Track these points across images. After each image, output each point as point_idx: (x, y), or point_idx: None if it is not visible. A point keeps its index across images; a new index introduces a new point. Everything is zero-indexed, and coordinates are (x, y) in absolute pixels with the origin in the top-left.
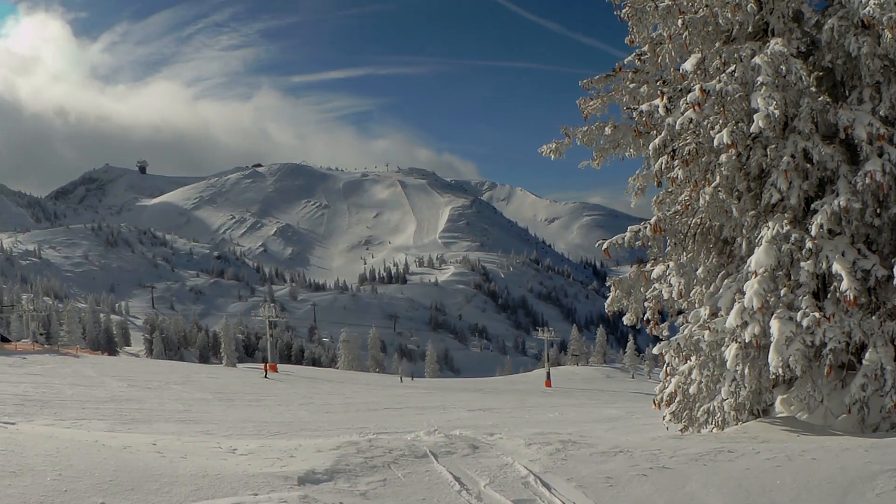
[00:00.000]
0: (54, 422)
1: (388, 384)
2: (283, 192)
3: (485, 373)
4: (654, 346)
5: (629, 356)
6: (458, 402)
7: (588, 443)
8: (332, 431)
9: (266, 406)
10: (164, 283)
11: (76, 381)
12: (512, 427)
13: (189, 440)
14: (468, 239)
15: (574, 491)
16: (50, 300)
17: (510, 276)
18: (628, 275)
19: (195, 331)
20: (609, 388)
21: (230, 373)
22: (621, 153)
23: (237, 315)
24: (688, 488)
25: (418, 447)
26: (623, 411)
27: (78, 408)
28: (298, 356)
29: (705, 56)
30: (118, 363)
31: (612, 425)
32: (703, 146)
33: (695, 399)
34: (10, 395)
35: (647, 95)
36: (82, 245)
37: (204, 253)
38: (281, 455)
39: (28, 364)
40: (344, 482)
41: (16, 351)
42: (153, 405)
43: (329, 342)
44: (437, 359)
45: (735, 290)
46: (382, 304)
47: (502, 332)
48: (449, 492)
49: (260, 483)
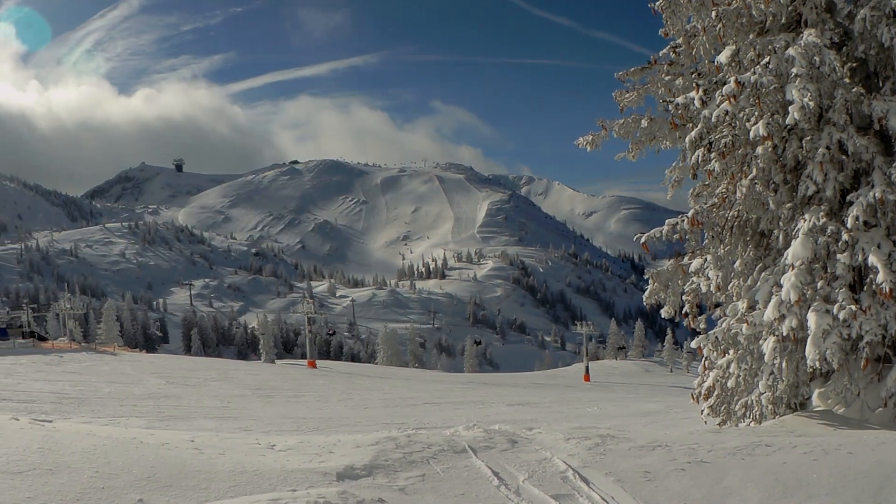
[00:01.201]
0: (91, 419)
1: (427, 379)
2: (320, 188)
3: (524, 368)
4: (693, 339)
5: (667, 350)
6: (497, 397)
7: (626, 437)
8: (370, 427)
9: (305, 402)
10: (202, 280)
11: (114, 378)
12: (551, 421)
13: (227, 436)
14: (506, 234)
15: (612, 485)
16: (87, 298)
17: (548, 270)
18: (666, 268)
19: (234, 327)
20: (647, 382)
21: (269, 369)
22: (657, 145)
23: (276, 311)
24: (725, 483)
25: (457, 442)
26: (662, 405)
27: (115, 405)
28: (337, 352)
29: (739, 48)
30: (156, 360)
31: (650, 419)
32: (740, 138)
33: (733, 393)
34: (47, 393)
35: (683, 88)
36: (119, 243)
37: (242, 250)
38: (319, 451)
39: (65, 362)
40: (383, 477)
41: (52, 349)
42: (191, 402)
43: (368, 338)
44: (475, 354)
45: (772, 283)
46: (421, 299)
47: (541, 326)
48: (488, 487)
49: (298, 479)
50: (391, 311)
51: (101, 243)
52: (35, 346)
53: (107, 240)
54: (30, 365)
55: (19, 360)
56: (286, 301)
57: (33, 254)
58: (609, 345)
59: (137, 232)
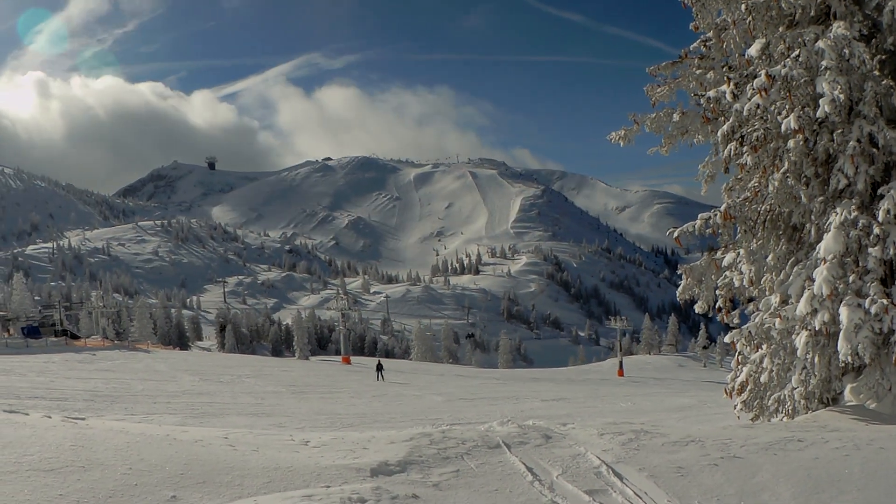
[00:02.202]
0: (125, 416)
1: (462, 374)
2: (353, 185)
3: (558, 363)
4: (726, 334)
5: (701, 345)
6: (532, 393)
7: (660, 432)
8: (405, 423)
9: (339, 398)
10: (236, 277)
11: (147, 376)
12: (585, 417)
13: (261, 433)
14: (540, 229)
15: (646, 481)
16: (120, 297)
17: (582, 265)
18: (699, 263)
19: (267, 324)
20: (681, 377)
21: (303, 365)
22: (689, 140)
23: (309, 308)
24: (758, 478)
25: (491, 438)
26: (695, 400)
27: (149, 402)
28: (371, 348)
29: (769, 41)
30: (190, 357)
31: (684, 414)
32: (771, 132)
33: (766, 387)
34: (80, 391)
35: (714, 81)
36: (152, 241)
37: (275, 247)
38: (354, 447)
39: (98, 360)
40: (417, 473)
41: (85, 347)
42: (225, 399)
43: (402, 334)
44: (509, 349)
45: (805, 277)
46: (455, 295)
47: (575, 321)
48: (521, 482)
49: (332, 475)
50: (425, 306)
51: (134, 242)
52: (67, 345)
53: (139, 238)
54: (62, 363)
55: (52, 359)
56: (320, 298)
57: (65, 253)
58: (643, 340)
59: (170, 230)
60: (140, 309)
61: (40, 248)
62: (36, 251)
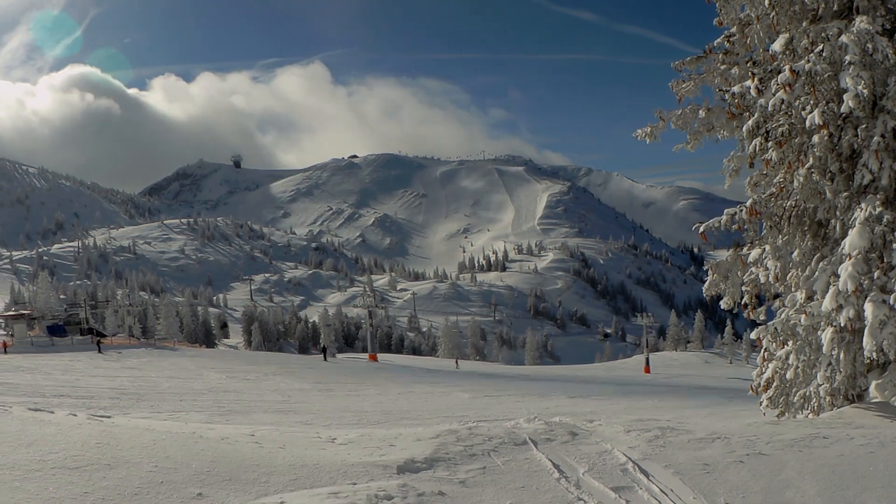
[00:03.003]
0: (151, 414)
1: (489, 372)
2: (379, 182)
3: (584, 360)
4: (752, 330)
5: (727, 341)
6: (558, 389)
7: (686, 429)
8: (431, 420)
9: (366, 395)
10: (263, 275)
11: (173, 373)
12: (611, 414)
13: (288, 430)
14: (566, 225)
15: (672, 478)
16: (146, 295)
17: (609, 261)
18: (725, 259)
19: (294, 322)
20: (707, 374)
21: (329, 363)
22: (715, 135)
23: (336, 305)
24: (783, 475)
25: (518, 434)
26: (721, 397)
27: (175, 400)
28: (398, 345)
29: (793, 36)
30: (216, 355)
31: (710, 411)
32: (796, 127)
33: (791, 384)
34: (105, 389)
35: (739, 77)
36: (178, 240)
37: (302, 245)
38: (380, 444)
39: (123, 358)
40: (443, 470)
41: (111, 345)
42: (252, 396)
43: (429, 331)
44: (536, 346)
45: (830, 273)
46: (482, 291)
47: (601, 318)
48: (548, 479)
49: (359, 472)
50: (452, 303)
51: (160, 240)
52: (93, 343)
53: (165, 236)
54: (88, 361)
55: (77, 357)
56: (347, 295)
57: (91, 252)
58: (669, 336)
59: (196, 228)
60: (166, 307)
61: (65, 247)
62: (61, 250)
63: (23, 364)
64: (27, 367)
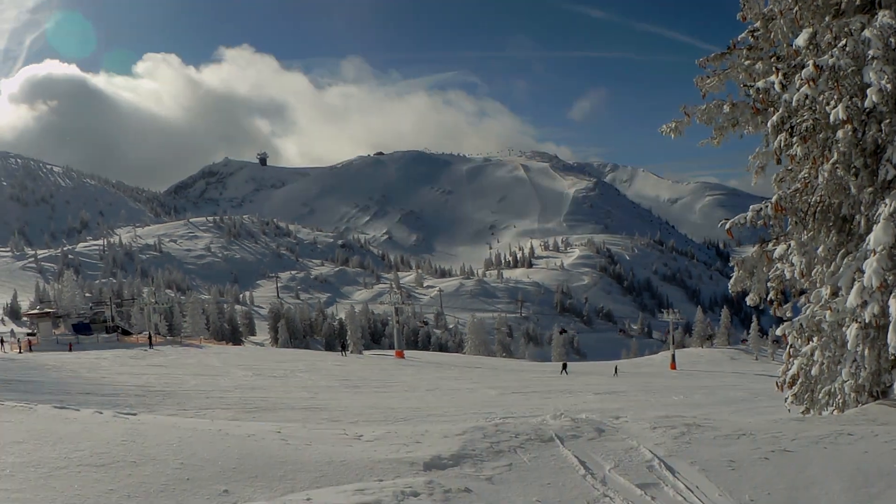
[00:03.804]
0: (177, 412)
1: (515, 368)
2: (405, 179)
3: (610, 356)
4: (778, 326)
5: (753, 337)
6: (585, 386)
7: (711, 426)
8: (458, 416)
9: (393, 392)
10: (289, 272)
11: (200, 371)
12: (637, 410)
13: (314, 427)
14: (592, 221)
15: (697, 475)
16: (172, 293)
17: (635, 258)
18: (751, 255)
19: (321, 319)
20: (733, 370)
21: (357, 360)
22: (740, 131)
23: (363, 303)
24: (808, 472)
25: (544, 431)
26: (747, 393)
27: (202, 397)
28: (425, 342)
29: (816, 31)
30: (243, 352)
31: (736, 408)
32: (820, 122)
33: (816, 381)
34: (132, 387)
35: (763, 72)
36: (204, 237)
37: (328, 242)
38: (407, 441)
39: (149, 356)
40: (470, 467)
41: (137, 343)
42: (279, 393)
43: (455, 327)
44: (562, 343)
45: (854, 269)
46: (508, 288)
47: (628, 314)
48: (574, 476)
49: (385, 469)
50: (478, 300)
51: (186, 238)
52: (119, 341)
53: (191, 234)
54: (114, 359)
55: (103, 355)
56: (373, 292)
57: (116, 250)
58: (695, 332)
59: (222, 226)
60: (192, 304)
61: (90, 246)
62: (86, 249)
63: (48, 362)
64: (52, 366)
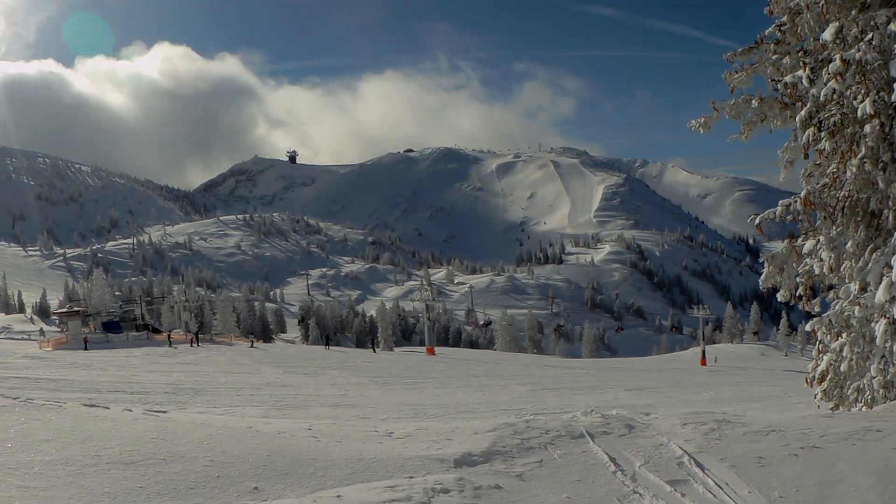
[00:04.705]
0: (207, 409)
1: (546, 364)
2: (435, 176)
3: (641, 352)
4: (807, 322)
5: (782, 333)
6: (615, 382)
7: (741, 422)
8: (489, 413)
9: (423, 389)
10: (319, 270)
11: (230, 368)
12: (668, 406)
13: (345, 424)
14: (622, 217)
15: (727, 471)
16: (202, 290)
17: (665, 253)
18: (780, 250)
19: (351, 316)
20: (763, 366)
21: (387, 357)
22: (768, 126)
23: (393, 300)
24: (837, 468)
25: (575, 427)
26: (776, 389)
27: (232, 395)
28: (456, 339)
29: (843, 24)
30: (273, 350)
31: (765, 404)
32: (848, 117)
33: (845, 377)
34: (161, 385)
35: (790, 66)
36: (234, 235)
37: (358, 239)
38: (437, 438)
39: (179, 353)
40: (500, 464)
41: (182, 341)
42: (309, 390)
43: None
44: (593, 339)
45: (883, 264)
46: (539, 285)
47: (658, 310)
48: (604, 472)
49: (416, 466)
50: (509, 297)
51: (216, 236)
52: (149, 339)
53: (221, 232)
54: (144, 357)
55: (133, 353)
56: (404, 289)
57: (146, 248)
58: (725, 328)
59: (252, 224)
60: (223, 302)
61: (120, 245)
62: (115, 247)
63: (78, 360)
64: (82, 364)
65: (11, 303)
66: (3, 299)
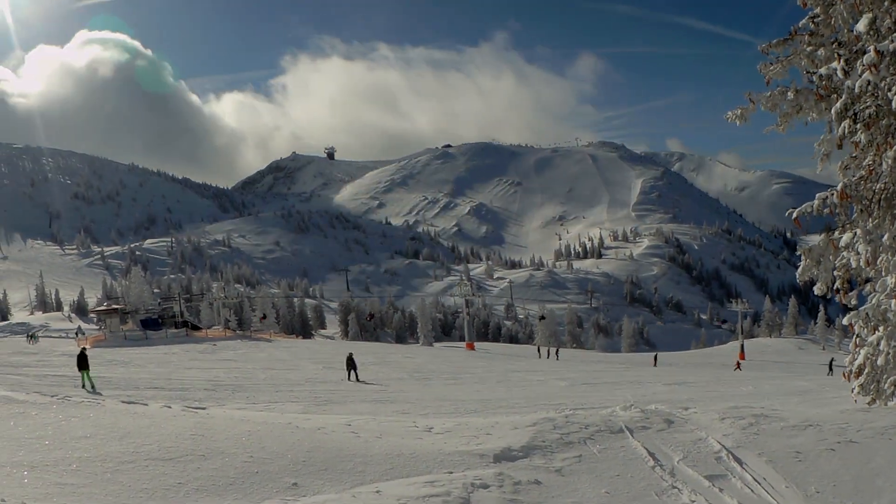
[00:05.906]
0: (246, 406)
1: (586, 359)
2: (474, 171)
3: (680, 346)
4: (844, 316)
5: (820, 327)
6: (654, 377)
7: (779, 416)
8: (528, 408)
9: (463, 384)
10: (359, 266)
11: (269, 364)
12: (707, 401)
13: (384, 420)
14: (661, 211)
15: (765, 466)
16: (241, 287)
17: (703, 247)
18: (818, 243)
19: (391, 311)
20: (801, 360)
21: (426, 352)
22: (804, 117)
23: (433, 295)
24: (873, 463)
25: (614, 422)
26: (814, 384)
27: (271, 391)
28: (496, 333)
29: (876, 15)
30: (312, 346)
31: (803, 398)
32: (883, 109)
33: (882, 370)
34: (201, 381)
35: (825, 58)
36: (272, 232)
37: (398, 235)
38: (477, 433)
39: (219, 350)
40: (539, 459)
41: (206, 338)
42: (349, 386)
43: (525, 319)
44: (632, 333)
45: None
46: (578, 279)
47: (697, 304)
48: (643, 468)
49: (455, 461)
50: (548, 291)
51: (255, 233)
52: (188, 336)
53: (260, 229)
54: (183, 354)
55: (172, 350)
56: (443, 284)
57: (185, 245)
58: (763, 322)
59: (291, 220)
60: (262, 299)
61: (158, 242)
62: (154, 245)
63: (116, 358)
64: (121, 361)
65: (49, 301)
66: (41, 297)
